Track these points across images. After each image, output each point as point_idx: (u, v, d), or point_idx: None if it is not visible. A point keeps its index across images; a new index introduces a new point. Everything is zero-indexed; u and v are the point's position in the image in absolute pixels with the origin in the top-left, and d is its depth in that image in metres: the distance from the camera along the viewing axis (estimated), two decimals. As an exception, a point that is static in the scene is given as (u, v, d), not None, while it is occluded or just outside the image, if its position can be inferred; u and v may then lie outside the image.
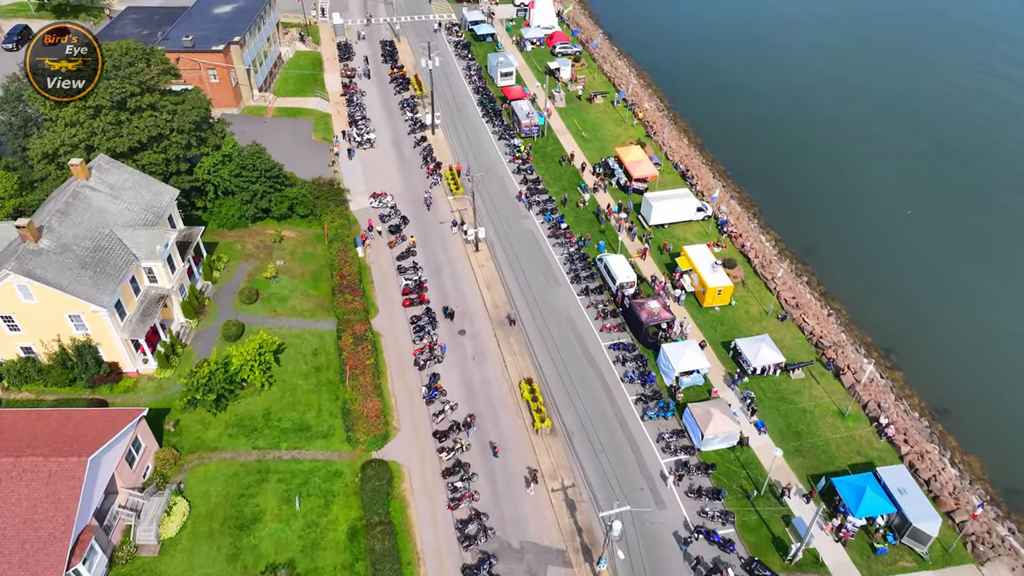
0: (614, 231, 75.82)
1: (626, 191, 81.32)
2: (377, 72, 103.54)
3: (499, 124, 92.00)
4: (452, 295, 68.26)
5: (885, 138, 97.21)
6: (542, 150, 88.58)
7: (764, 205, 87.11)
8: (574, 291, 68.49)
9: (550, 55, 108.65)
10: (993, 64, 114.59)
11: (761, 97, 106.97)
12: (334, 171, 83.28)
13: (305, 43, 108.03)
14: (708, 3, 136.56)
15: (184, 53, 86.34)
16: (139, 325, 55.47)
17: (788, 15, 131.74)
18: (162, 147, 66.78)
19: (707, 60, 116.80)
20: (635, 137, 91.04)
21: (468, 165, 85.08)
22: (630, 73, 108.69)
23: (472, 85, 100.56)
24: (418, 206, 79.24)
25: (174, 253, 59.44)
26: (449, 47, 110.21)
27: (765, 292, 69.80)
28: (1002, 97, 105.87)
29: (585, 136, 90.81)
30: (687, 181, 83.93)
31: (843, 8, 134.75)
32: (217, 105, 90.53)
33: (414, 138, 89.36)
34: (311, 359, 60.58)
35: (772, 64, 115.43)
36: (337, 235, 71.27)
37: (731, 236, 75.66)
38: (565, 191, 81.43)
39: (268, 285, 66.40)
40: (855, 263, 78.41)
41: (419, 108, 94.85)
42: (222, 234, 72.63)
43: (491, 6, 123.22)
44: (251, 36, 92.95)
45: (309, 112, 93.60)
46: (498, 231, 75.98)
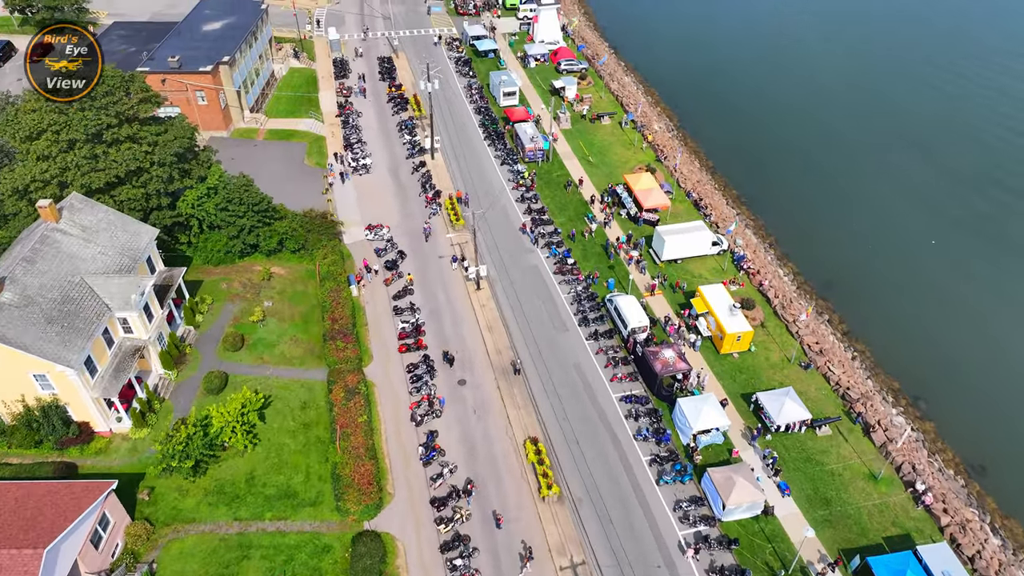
0: (624, 266, 71.42)
1: (636, 222, 76.90)
2: (374, 90, 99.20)
3: (502, 148, 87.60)
4: (452, 339, 63.84)
5: (907, 160, 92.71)
6: (547, 176, 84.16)
7: (780, 234, 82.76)
8: (582, 335, 64.06)
9: (555, 72, 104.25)
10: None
11: (774, 116, 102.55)
12: (327, 199, 78.91)
13: (299, 59, 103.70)
14: (717, 16, 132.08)
15: (170, 74, 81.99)
16: (112, 382, 51.07)
17: (801, 28, 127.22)
18: (142, 181, 62.40)
19: (717, 76, 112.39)
20: (644, 162, 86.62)
21: (468, 192, 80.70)
22: (638, 90, 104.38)
23: (473, 105, 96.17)
24: (416, 238, 74.85)
25: (152, 301, 55.04)
26: (449, 63, 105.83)
27: (786, 336, 65.33)
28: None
29: (592, 161, 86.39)
30: (700, 211, 79.52)
31: (860, 23, 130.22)
32: (205, 128, 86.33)
33: (412, 163, 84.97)
34: (299, 414, 56.16)
35: (786, 80, 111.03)
36: (329, 273, 66.83)
37: (748, 272, 71.20)
38: (572, 222, 77.03)
39: (255, 330, 61.98)
40: (878, 298, 74.05)
41: (418, 130, 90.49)
42: (207, 271, 68.24)
43: (493, 19, 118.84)
44: (242, 55, 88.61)
45: (302, 135, 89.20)
46: (501, 266, 71.57)
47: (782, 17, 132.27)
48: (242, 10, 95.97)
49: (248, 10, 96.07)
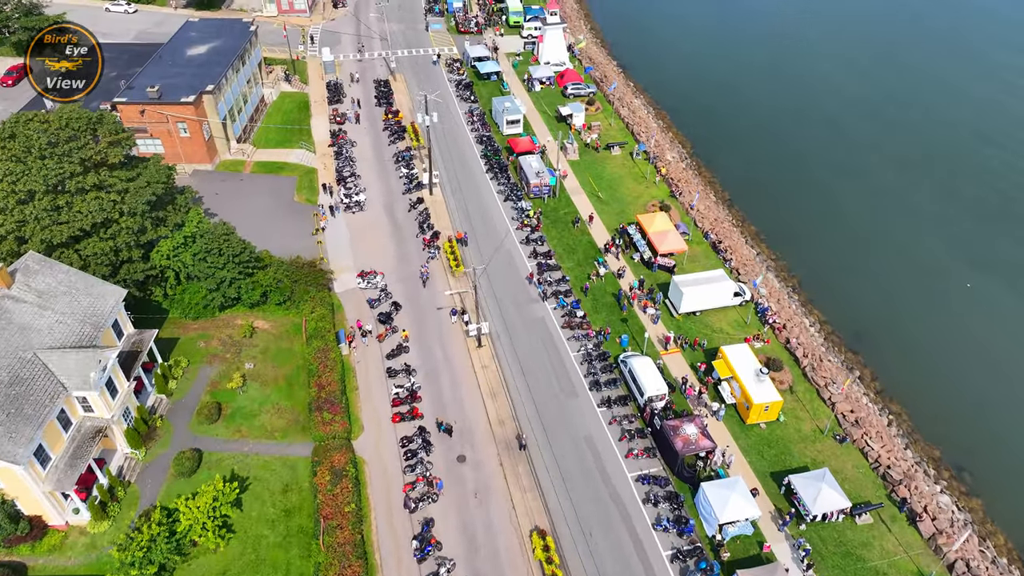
0: (638, 319, 65.68)
1: (650, 267, 71.15)
2: (369, 116, 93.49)
3: (505, 181, 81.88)
4: (450, 405, 58.15)
5: (939, 195, 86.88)
6: (553, 214, 78.40)
7: (804, 275, 77.02)
8: (593, 401, 58.33)
9: (561, 97, 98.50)
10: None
11: (794, 142, 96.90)
12: (318, 241, 73.24)
13: (291, 83, 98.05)
14: (731, 32, 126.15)
15: (150, 105, 76.38)
16: (67, 472, 45.46)
17: (823, 44, 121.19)
18: (110, 233, 56.78)
19: (732, 97, 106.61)
20: (658, 198, 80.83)
21: (470, 232, 75.05)
22: (649, 115, 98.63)
23: (475, 133, 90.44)
24: (413, 284, 69.18)
25: (116, 374, 49.40)
26: (449, 86, 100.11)
27: (817, 402, 59.53)
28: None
29: (602, 197, 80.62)
30: (719, 255, 73.71)
31: (882, 40, 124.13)
32: (189, 161, 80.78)
33: (409, 200, 79.26)
34: (280, 499, 50.47)
35: (806, 102, 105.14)
36: (317, 330, 61.09)
37: (773, 327, 65.42)
38: (581, 266, 71.29)
39: (234, 397, 56.34)
40: (911, 349, 68.46)
41: (415, 161, 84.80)
42: (184, 326, 62.60)
43: (495, 37, 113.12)
44: (228, 82, 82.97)
45: (292, 167, 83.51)
46: (504, 318, 65.87)
47: (801, 30, 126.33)
48: (229, 33, 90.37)
49: (236, 33, 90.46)
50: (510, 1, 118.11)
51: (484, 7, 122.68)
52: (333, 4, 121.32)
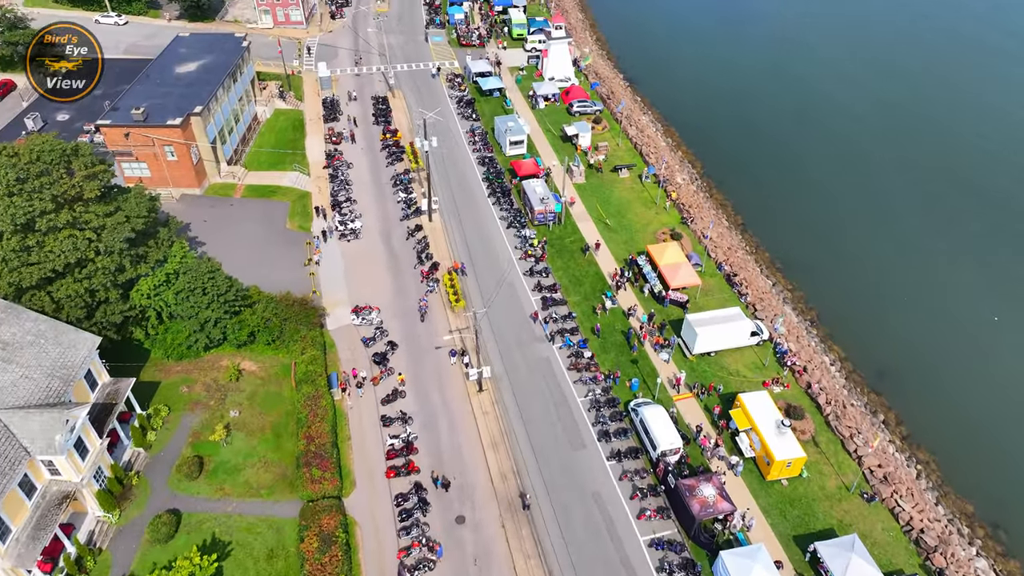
0: (649, 361, 61.80)
1: (662, 302, 67.26)
2: (367, 134, 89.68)
3: (508, 207, 78.02)
4: (448, 456, 54.31)
5: (964, 216, 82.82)
6: (559, 242, 74.53)
7: (824, 308, 73.08)
8: (602, 453, 54.45)
9: (566, 115, 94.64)
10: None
11: (809, 159, 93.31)
12: (310, 273, 69.46)
13: (286, 100, 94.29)
14: (741, 43, 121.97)
15: (134, 128, 72.65)
16: (30, 546, 41.73)
17: (836, 54, 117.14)
18: (85, 274, 53.04)
19: (744, 111, 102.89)
20: (669, 225, 76.93)
21: (471, 263, 71.26)
22: (657, 133, 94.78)
23: (477, 154, 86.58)
24: (410, 319, 65.38)
25: (87, 432, 45.65)
26: (450, 103, 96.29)
27: (842, 454, 55.56)
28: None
29: (610, 224, 76.73)
30: (734, 288, 69.77)
31: (900, 50, 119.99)
32: (176, 185, 77.09)
33: (407, 227, 75.41)
34: (264, 567, 46.64)
35: (822, 116, 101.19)
36: (307, 375, 57.25)
37: (793, 370, 61.49)
38: (588, 300, 67.43)
39: (216, 450, 52.56)
40: (938, 388, 64.75)
41: (414, 184, 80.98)
42: (166, 368, 58.86)
43: (499, 49, 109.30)
44: (218, 101, 79.24)
45: (285, 191, 79.73)
46: (506, 359, 62.01)
47: (814, 36, 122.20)
48: (221, 48, 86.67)
49: (228, 48, 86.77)
50: (513, 13, 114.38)
51: (486, 18, 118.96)
52: (331, 15, 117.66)
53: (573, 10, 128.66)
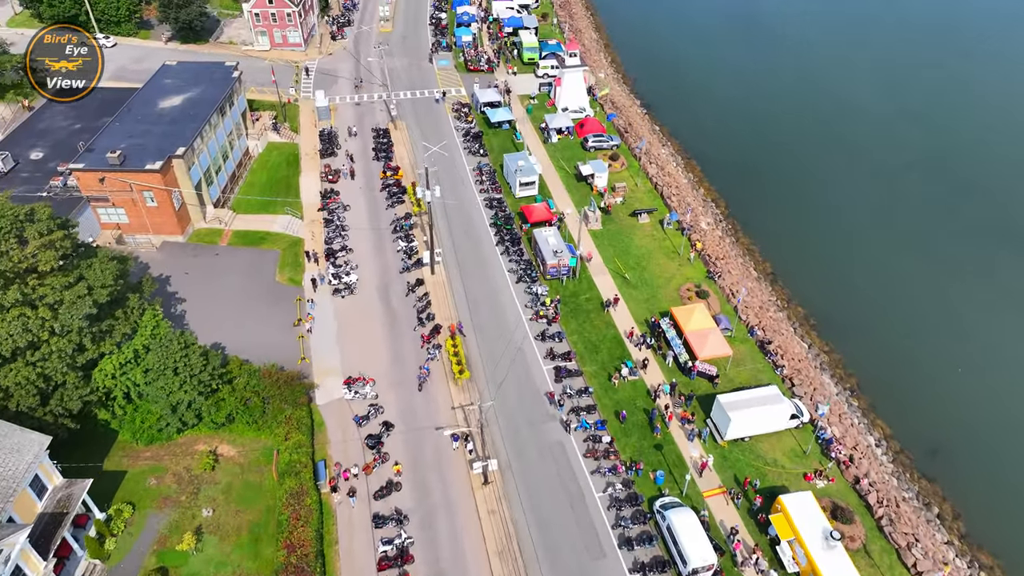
0: (675, 446, 55.11)
1: (687, 373, 60.57)
2: (366, 171, 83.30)
3: (517, 257, 71.43)
4: (448, 565, 47.74)
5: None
6: (573, 300, 67.87)
7: (863, 372, 66.50)
8: (624, 565, 47.78)
9: (581, 150, 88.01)
10: None
11: (842, 197, 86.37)
12: (299, 335, 63.05)
13: (280, 132, 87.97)
14: (766, 64, 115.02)
15: (110, 172, 66.47)
16: None
17: (869, 77, 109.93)
18: (38, 357, 46.78)
19: (769, 142, 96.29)
20: (694, 281, 70.20)
21: (477, 324, 64.76)
22: (678, 169, 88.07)
23: (484, 196, 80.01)
24: (408, 393, 58.84)
25: (27, 558, 39.31)
26: (456, 135, 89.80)
27: (898, 567, 48.74)
28: None
29: (628, 278, 70.06)
30: (769, 357, 62.94)
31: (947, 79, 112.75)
32: (157, 232, 70.93)
33: (407, 281, 68.88)
34: None
35: (854, 146, 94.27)
36: (291, 466, 50.81)
37: (840, 462, 54.63)
38: (606, 368, 60.81)
39: (184, 561, 46.16)
40: (995, 471, 57.82)
41: (415, 231, 74.49)
42: (134, 453, 52.52)
43: (508, 76, 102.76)
44: (204, 140, 73.03)
45: (276, 238, 73.34)
46: (515, 442, 55.39)
47: (842, 57, 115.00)
48: (209, 79, 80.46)
49: (217, 78, 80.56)
50: (524, 36, 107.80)
51: (495, 39, 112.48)
52: (331, 36, 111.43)
53: (587, 29, 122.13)
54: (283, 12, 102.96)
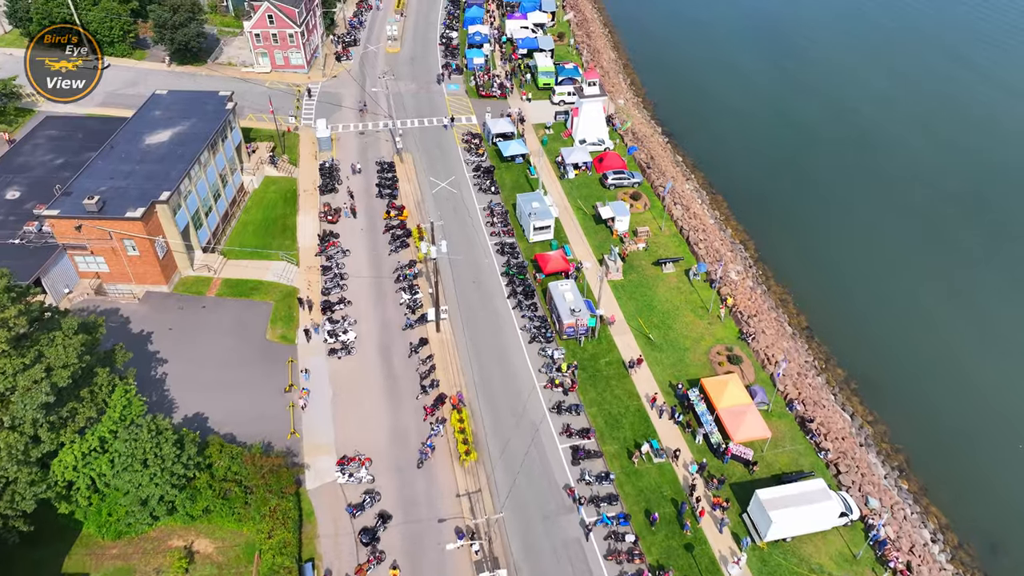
0: (708, 546, 48.85)
1: (720, 456, 54.28)
2: (369, 209, 77.39)
3: (531, 313, 65.34)
4: None
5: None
6: (592, 364, 61.65)
7: (913, 447, 60.44)
8: None
9: (600, 187, 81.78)
10: None
11: (879, 231, 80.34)
12: (289, 404, 57.20)
13: (277, 166, 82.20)
14: (800, 88, 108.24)
15: (88, 220, 60.89)
16: None
17: (910, 103, 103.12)
18: (-15, 453, 41.15)
19: (799, 171, 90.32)
20: (725, 342, 63.86)
21: (485, 391, 58.68)
22: (704, 207, 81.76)
23: (496, 240, 73.84)
24: (408, 477, 52.79)
25: None
26: (466, 170, 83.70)
27: None
28: None
29: (653, 339, 63.79)
30: (811, 437, 56.51)
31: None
32: (140, 281, 65.35)
33: (410, 341, 62.86)
34: None
35: (897, 181, 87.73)
36: (274, 572, 44.93)
37: (896, 572, 48.11)
38: (630, 444, 54.63)
39: None
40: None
41: (420, 283, 68.51)
42: (100, 550, 46.80)
43: (522, 102, 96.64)
44: (193, 180, 67.37)
45: (268, 288, 67.50)
46: (526, 539, 49.28)
47: (880, 80, 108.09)
48: (201, 111, 74.79)
49: (209, 110, 74.87)
50: (539, 59, 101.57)
51: (508, 60, 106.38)
52: (336, 57, 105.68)
53: (605, 49, 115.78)
54: (285, 33, 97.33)
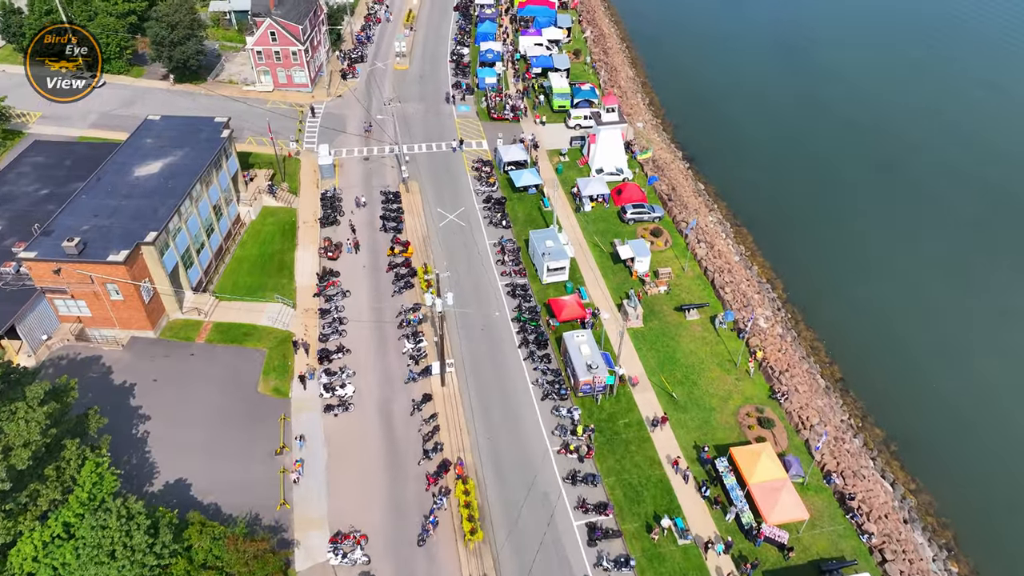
0: (740, 649, 43.83)
1: (753, 539, 49.12)
2: (372, 244, 72.74)
3: (544, 365, 60.43)
4: None
5: None
6: (610, 425, 56.60)
7: (962, 528, 54.92)
8: None
9: (618, 220, 76.75)
10: None
11: (928, 264, 75.34)
12: (280, 470, 52.52)
13: (276, 196, 77.63)
14: (826, 103, 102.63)
15: (67, 263, 56.46)
16: None
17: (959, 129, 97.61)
18: (-68, 550, 36.68)
19: (829, 200, 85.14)
20: (755, 402, 58.71)
21: (488, 453, 53.79)
22: (728, 242, 76.62)
23: (506, 281, 68.90)
24: (408, 553, 48.04)
25: None
26: (475, 201, 78.84)
27: None
28: None
29: (676, 397, 58.74)
30: (852, 518, 51.16)
31: None
32: (124, 326, 61.04)
33: (412, 397, 57.99)
34: None
35: (937, 210, 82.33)
36: (254, 678, 40.35)
37: None
38: (651, 527, 49.63)
39: None
40: None
41: (424, 329, 63.71)
42: (65, 645, 42.33)
43: (536, 125, 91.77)
44: (183, 217, 62.90)
45: (262, 334, 62.87)
46: (538, 634, 44.53)
47: (919, 100, 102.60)
48: (195, 139, 70.33)
49: (203, 139, 70.36)
50: (554, 79, 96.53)
51: (521, 77, 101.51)
52: (342, 75, 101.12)
53: (623, 67, 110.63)
54: (288, 51, 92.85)
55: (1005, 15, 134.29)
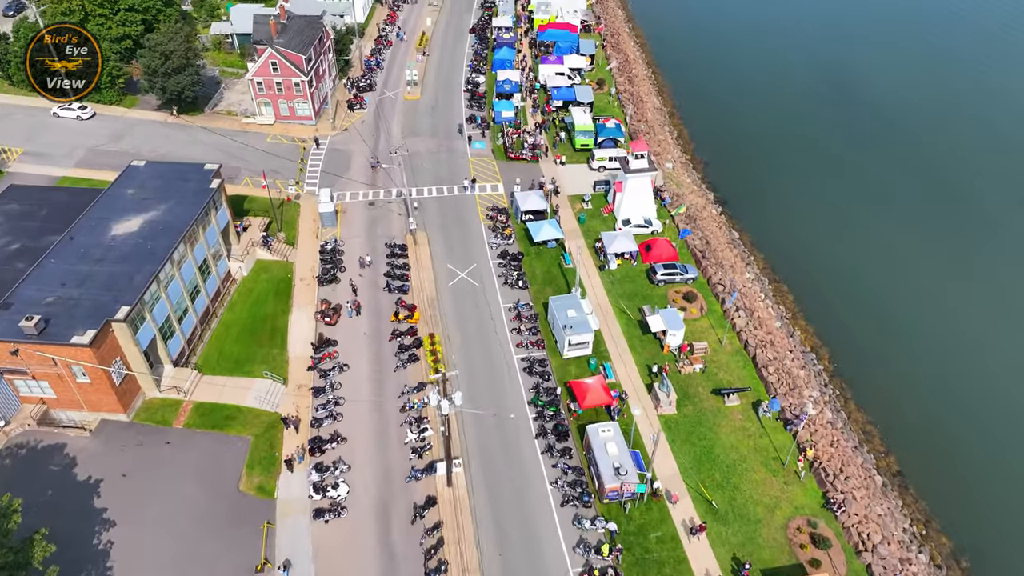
0: None
1: None
2: (375, 306, 65.84)
3: (564, 463, 53.11)
4: None
5: None
6: (639, 541, 49.08)
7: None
8: None
9: (647, 282, 69.29)
10: None
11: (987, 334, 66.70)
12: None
13: (271, 248, 70.80)
14: (872, 139, 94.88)
15: (25, 344, 49.80)
16: None
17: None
18: None
19: (872, 256, 77.37)
20: (806, 513, 51.01)
21: (504, 565, 46.74)
22: (768, 306, 69.04)
23: (523, 356, 61.58)
24: None
25: None
26: (489, 254, 71.70)
27: None
28: None
29: (716, 506, 51.20)
30: (927, 672, 43.67)
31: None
32: (93, 409, 54.46)
33: (414, 501, 50.88)
34: None
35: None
36: None
37: None
38: (687, 677, 42.25)
39: None
40: None
41: (429, 411, 56.62)
42: None
43: (556, 166, 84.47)
44: (162, 285, 56.18)
45: (247, 418, 55.90)
46: None
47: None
48: (182, 189, 63.67)
49: (191, 190, 63.66)
50: (576, 114, 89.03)
51: (540, 110, 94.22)
52: (348, 106, 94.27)
53: (649, 97, 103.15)
54: (290, 81, 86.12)
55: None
